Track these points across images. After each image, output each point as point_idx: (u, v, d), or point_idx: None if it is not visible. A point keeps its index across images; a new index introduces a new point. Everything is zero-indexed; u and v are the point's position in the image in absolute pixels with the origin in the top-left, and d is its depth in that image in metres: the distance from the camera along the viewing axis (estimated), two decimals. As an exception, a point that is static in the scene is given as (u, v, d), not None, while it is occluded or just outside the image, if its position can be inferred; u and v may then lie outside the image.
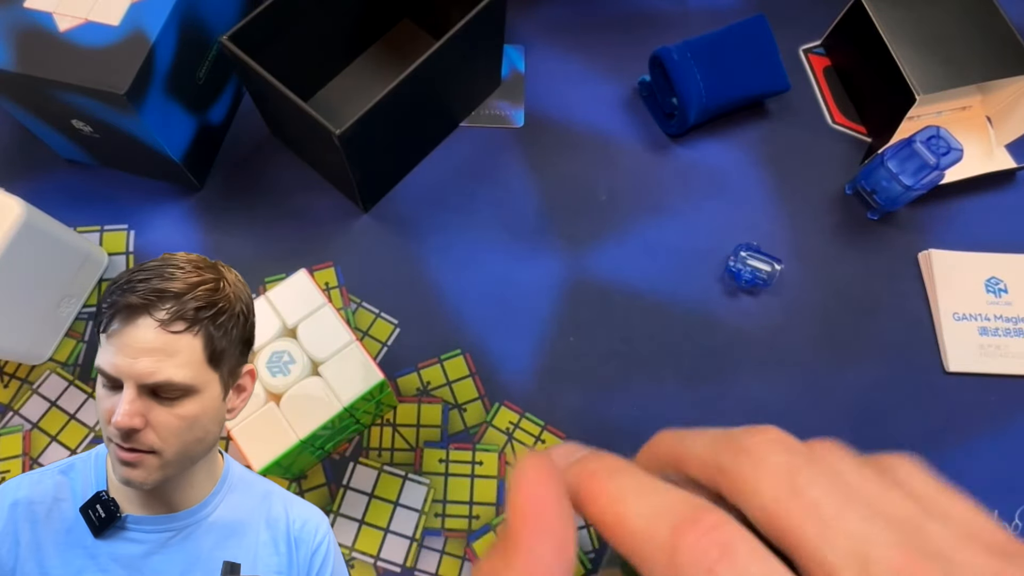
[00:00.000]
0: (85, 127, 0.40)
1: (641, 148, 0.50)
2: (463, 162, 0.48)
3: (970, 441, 0.43)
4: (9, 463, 0.39)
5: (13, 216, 0.34)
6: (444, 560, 0.38)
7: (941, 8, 0.48)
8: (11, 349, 0.38)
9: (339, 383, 0.30)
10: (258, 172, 0.47)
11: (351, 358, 0.30)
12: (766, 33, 0.48)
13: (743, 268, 0.45)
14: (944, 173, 0.44)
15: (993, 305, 0.46)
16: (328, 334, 0.31)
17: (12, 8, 0.37)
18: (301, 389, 0.30)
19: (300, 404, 0.30)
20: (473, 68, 0.46)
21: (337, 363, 0.31)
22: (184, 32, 0.39)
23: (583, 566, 0.39)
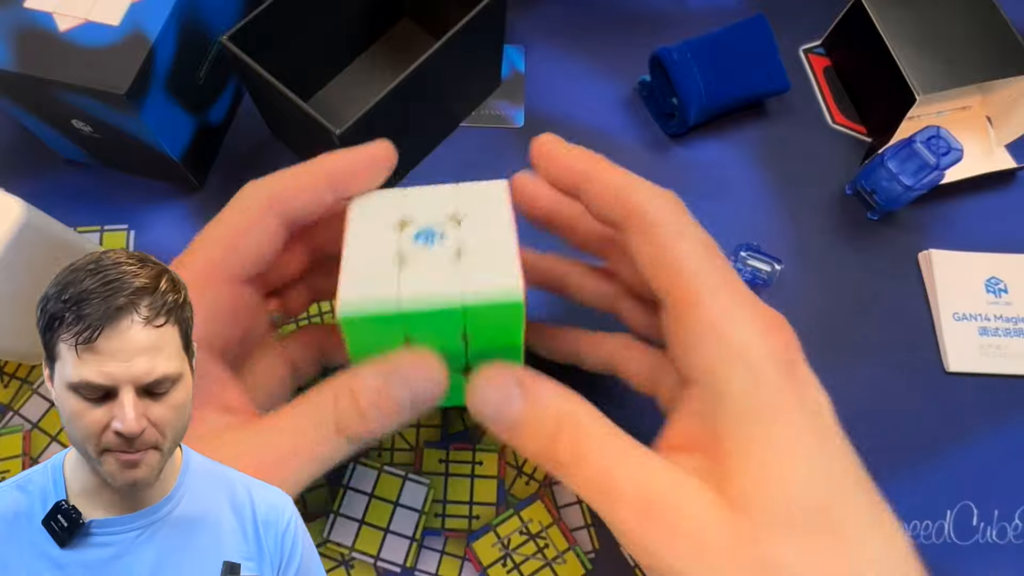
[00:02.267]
0: (85, 127, 0.40)
1: (641, 148, 0.50)
2: (463, 162, 0.48)
3: (970, 441, 0.43)
4: (9, 463, 0.39)
5: (13, 216, 0.34)
6: (444, 560, 0.38)
7: (941, 8, 0.48)
8: (11, 349, 0.38)
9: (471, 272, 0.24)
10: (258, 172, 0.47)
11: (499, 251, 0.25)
12: (766, 33, 0.48)
13: (743, 268, 0.45)
14: (944, 173, 0.44)
15: (993, 305, 0.46)
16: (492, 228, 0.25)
17: (12, 8, 0.37)
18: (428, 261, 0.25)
19: (418, 275, 0.24)
20: (473, 68, 0.46)
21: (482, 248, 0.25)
22: (184, 32, 0.39)
23: (583, 567, 0.39)
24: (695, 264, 0.25)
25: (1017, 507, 0.42)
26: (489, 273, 0.24)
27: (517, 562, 0.38)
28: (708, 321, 0.25)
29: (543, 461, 0.26)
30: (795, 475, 0.23)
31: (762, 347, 0.24)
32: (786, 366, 0.25)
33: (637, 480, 0.24)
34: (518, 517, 0.39)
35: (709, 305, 0.25)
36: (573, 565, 0.39)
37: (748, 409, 0.24)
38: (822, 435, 0.24)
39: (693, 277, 0.25)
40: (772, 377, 0.24)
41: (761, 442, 0.24)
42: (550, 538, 0.39)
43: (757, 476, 0.23)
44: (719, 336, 0.24)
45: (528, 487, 0.40)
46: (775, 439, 0.24)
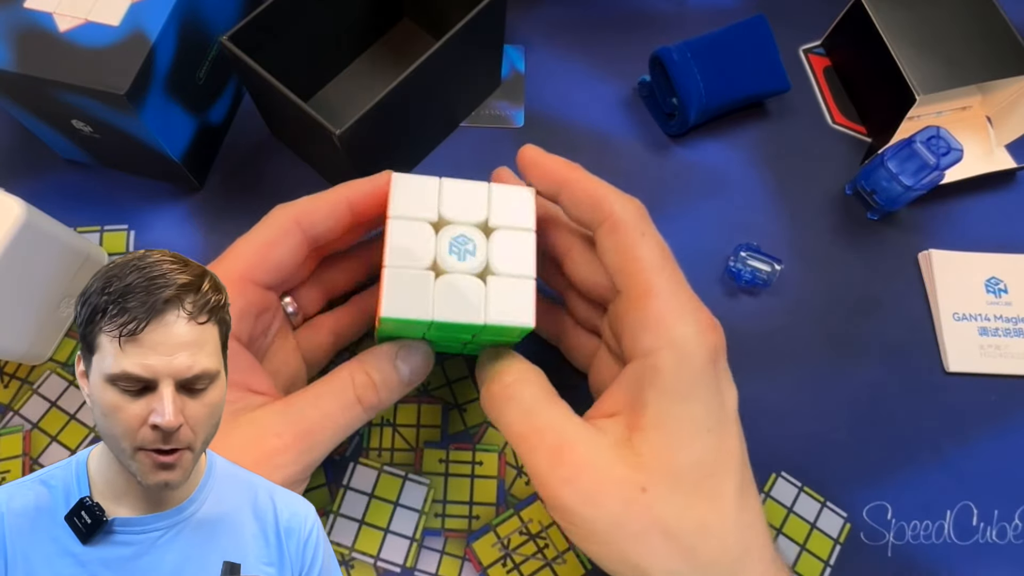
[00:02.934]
0: (85, 127, 0.40)
1: (641, 148, 0.50)
2: (463, 162, 0.48)
3: (970, 441, 0.43)
4: (9, 463, 0.39)
5: (13, 216, 0.34)
6: (444, 560, 0.38)
7: (941, 8, 0.48)
8: (11, 349, 0.38)
9: (495, 303, 0.29)
10: (258, 172, 0.47)
11: (520, 291, 0.30)
12: (766, 33, 0.48)
13: (743, 268, 0.45)
14: (944, 173, 0.44)
15: (993, 305, 0.46)
16: (516, 257, 0.30)
17: (12, 8, 0.37)
18: (460, 281, 0.29)
19: (450, 294, 0.29)
20: (473, 68, 0.46)
21: (506, 285, 0.30)
22: (184, 32, 0.39)
23: (583, 567, 0.39)
24: (652, 263, 0.30)
25: (1017, 507, 0.42)
26: (510, 309, 0.29)
27: (517, 562, 0.38)
28: (657, 312, 0.29)
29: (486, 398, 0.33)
30: (691, 446, 0.28)
31: (696, 339, 0.29)
32: (711, 359, 0.29)
33: (556, 430, 0.30)
34: (518, 517, 0.39)
35: (660, 299, 0.29)
36: (573, 565, 0.39)
37: (673, 385, 0.28)
38: (722, 419, 0.29)
39: (650, 274, 0.30)
40: (698, 364, 0.29)
41: (675, 417, 0.28)
42: (550, 538, 0.39)
43: (663, 443, 0.28)
44: (665, 325, 0.29)
45: (528, 487, 0.40)
46: (686, 416, 0.28)
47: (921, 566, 0.40)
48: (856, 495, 0.42)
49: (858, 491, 0.42)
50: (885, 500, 0.42)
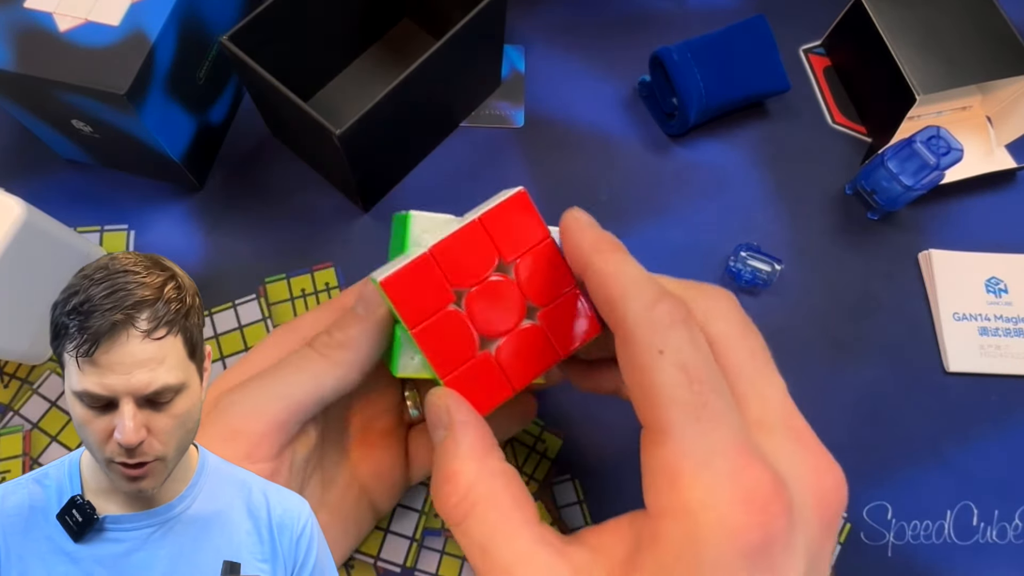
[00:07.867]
0: (85, 127, 0.40)
1: (641, 148, 0.50)
2: (463, 162, 0.48)
3: (970, 441, 0.43)
4: (9, 463, 0.39)
5: (13, 216, 0.34)
6: (444, 560, 0.38)
7: (941, 8, 0.48)
8: (11, 349, 0.38)
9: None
10: (258, 172, 0.47)
11: None
12: (766, 33, 0.48)
13: (743, 268, 0.45)
14: (944, 173, 0.44)
15: (993, 305, 0.46)
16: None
17: (12, 8, 0.37)
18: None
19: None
20: (473, 68, 0.46)
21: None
22: (184, 32, 0.39)
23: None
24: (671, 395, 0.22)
25: (1017, 507, 0.42)
26: None
27: (517, 562, 0.38)
28: (670, 463, 0.22)
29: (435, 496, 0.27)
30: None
31: (726, 514, 0.20)
32: (749, 549, 0.20)
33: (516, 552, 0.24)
34: (518, 517, 0.39)
35: (676, 445, 0.22)
36: (573, 565, 0.39)
37: (672, 565, 0.21)
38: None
39: (667, 410, 0.22)
40: (717, 550, 0.20)
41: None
42: (550, 538, 0.39)
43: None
44: (678, 485, 0.21)
45: (528, 487, 0.40)
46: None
47: (921, 566, 0.40)
48: (856, 495, 0.42)
49: (858, 491, 0.42)
50: (885, 500, 0.42)
